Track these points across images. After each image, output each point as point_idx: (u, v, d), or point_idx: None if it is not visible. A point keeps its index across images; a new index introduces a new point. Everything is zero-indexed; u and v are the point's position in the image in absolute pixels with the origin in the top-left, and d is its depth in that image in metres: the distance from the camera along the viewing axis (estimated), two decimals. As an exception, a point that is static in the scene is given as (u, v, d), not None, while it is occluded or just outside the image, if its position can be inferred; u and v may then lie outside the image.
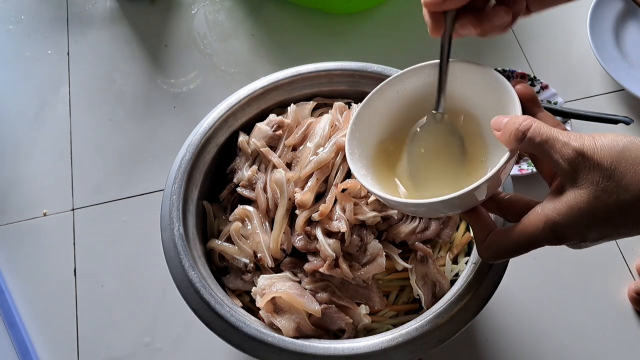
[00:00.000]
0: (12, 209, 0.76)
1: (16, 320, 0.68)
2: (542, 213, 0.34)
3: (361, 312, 0.51)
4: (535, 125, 0.35)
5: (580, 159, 0.32)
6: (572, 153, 0.33)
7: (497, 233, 0.37)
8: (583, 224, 0.33)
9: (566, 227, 0.33)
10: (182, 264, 0.50)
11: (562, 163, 0.33)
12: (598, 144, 0.32)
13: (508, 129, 0.36)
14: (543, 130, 0.35)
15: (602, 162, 0.32)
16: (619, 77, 0.77)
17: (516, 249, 0.36)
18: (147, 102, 0.83)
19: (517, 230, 0.36)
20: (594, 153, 0.32)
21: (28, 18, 0.90)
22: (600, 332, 0.66)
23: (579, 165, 0.33)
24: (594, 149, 0.32)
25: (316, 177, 0.54)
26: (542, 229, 0.34)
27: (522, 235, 0.35)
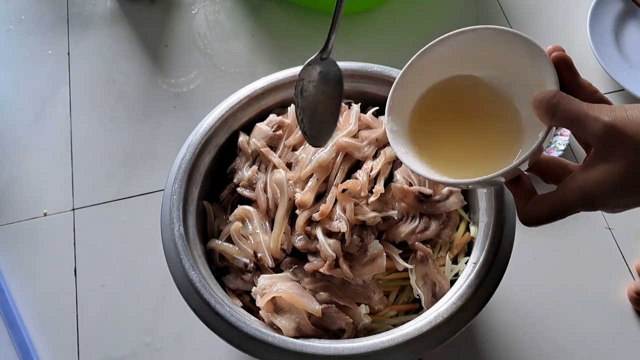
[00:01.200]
0: (12, 209, 0.76)
1: (16, 320, 0.68)
2: (576, 182, 0.35)
3: (361, 312, 0.51)
4: (564, 102, 0.35)
5: (610, 134, 0.33)
6: (602, 128, 0.33)
7: (536, 200, 0.39)
8: (616, 194, 0.34)
9: (600, 196, 0.34)
10: (183, 264, 0.50)
11: (592, 139, 0.34)
12: (631, 117, 0.32)
13: (541, 107, 0.37)
14: (572, 107, 0.35)
15: (634, 136, 0.32)
16: (619, 77, 0.77)
17: (553, 215, 0.37)
18: (147, 102, 0.83)
19: (555, 198, 0.37)
20: (624, 127, 0.32)
21: (28, 18, 0.90)
22: (600, 332, 0.66)
23: (610, 140, 0.33)
24: (625, 123, 0.32)
25: (316, 177, 0.54)
26: (577, 197, 0.35)
27: (559, 202, 0.37)
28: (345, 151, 0.55)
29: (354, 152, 0.55)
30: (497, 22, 0.87)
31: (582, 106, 0.35)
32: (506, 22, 0.87)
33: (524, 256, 0.70)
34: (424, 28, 0.86)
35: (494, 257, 0.49)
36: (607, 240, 0.71)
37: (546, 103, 0.36)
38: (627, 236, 0.71)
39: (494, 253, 0.49)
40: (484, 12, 0.88)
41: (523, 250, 0.68)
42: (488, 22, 0.87)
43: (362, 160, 0.56)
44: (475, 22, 0.86)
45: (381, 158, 0.55)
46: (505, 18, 0.87)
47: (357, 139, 0.57)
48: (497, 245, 0.50)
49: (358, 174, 0.54)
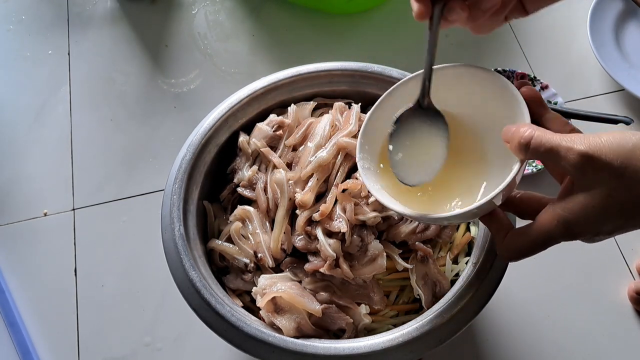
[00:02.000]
0: (13, 209, 0.76)
1: (17, 320, 0.68)
2: (555, 212, 0.35)
3: (361, 312, 0.51)
4: (537, 135, 0.35)
5: (586, 162, 0.33)
6: (577, 157, 0.33)
7: (514, 234, 0.38)
8: (596, 221, 0.33)
9: (579, 224, 0.34)
10: (183, 264, 0.50)
11: (569, 168, 0.34)
12: (605, 143, 0.32)
13: (514, 140, 0.37)
14: (545, 139, 0.35)
15: (611, 162, 0.32)
16: (619, 77, 0.77)
17: (533, 248, 0.37)
18: (147, 102, 0.83)
19: (533, 229, 0.36)
20: (600, 154, 0.32)
21: (29, 18, 0.90)
22: (600, 331, 0.66)
23: (586, 168, 0.33)
24: (601, 150, 0.32)
25: (317, 177, 0.54)
26: (555, 227, 0.35)
27: (538, 234, 0.36)
28: (346, 151, 0.55)
29: (354, 152, 0.55)
30: (497, 22, 0.87)
31: (554, 137, 0.35)
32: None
33: (524, 256, 0.69)
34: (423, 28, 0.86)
35: (494, 257, 0.49)
36: (607, 240, 0.71)
37: (519, 136, 0.36)
38: (627, 236, 0.71)
39: (494, 253, 0.49)
40: (484, 12, 0.88)
41: (523, 250, 0.68)
42: (488, 22, 0.87)
43: (363, 160, 0.56)
44: (475, 22, 0.86)
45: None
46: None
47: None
48: (498, 245, 0.50)
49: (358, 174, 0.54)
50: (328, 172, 0.55)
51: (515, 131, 0.37)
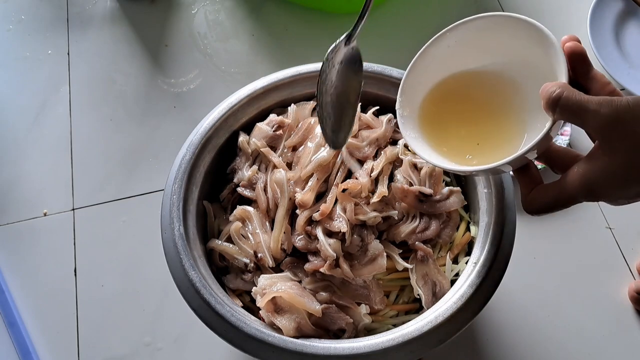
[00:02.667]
0: (13, 209, 0.76)
1: (16, 320, 0.68)
2: (579, 172, 0.35)
3: (361, 312, 0.51)
4: (566, 96, 0.35)
5: (611, 128, 0.33)
6: (603, 122, 0.33)
7: (540, 189, 0.39)
8: (618, 186, 0.34)
9: (601, 187, 0.34)
10: (183, 264, 0.50)
11: (593, 132, 0.34)
12: (632, 109, 0.32)
13: (544, 98, 0.37)
14: (573, 101, 0.35)
15: (635, 130, 0.32)
16: (619, 77, 0.77)
17: (555, 205, 0.37)
18: (147, 102, 0.83)
19: (558, 188, 0.37)
20: (625, 120, 0.32)
21: (28, 18, 0.90)
22: (601, 331, 0.66)
23: (610, 133, 0.33)
24: (626, 116, 0.32)
25: (317, 177, 0.54)
26: (579, 188, 0.35)
27: (561, 192, 0.36)
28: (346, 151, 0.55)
29: (354, 152, 0.56)
30: (497, 22, 0.87)
31: (583, 99, 0.34)
32: (506, 22, 0.87)
33: (524, 256, 0.69)
34: (424, 28, 0.86)
35: (495, 257, 0.49)
36: (607, 240, 0.71)
37: (548, 95, 0.36)
38: (628, 236, 0.71)
39: (495, 253, 0.49)
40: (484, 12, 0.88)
41: (523, 250, 0.68)
42: (488, 22, 0.87)
43: (363, 160, 0.56)
44: (475, 22, 0.86)
45: (382, 158, 0.55)
46: (506, 18, 0.87)
47: (358, 138, 0.57)
48: (498, 245, 0.50)
49: (358, 174, 0.54)
50: (328, 172, 0.54)
51: (546, 89, 0.37)
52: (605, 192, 0.34)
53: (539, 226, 0.72)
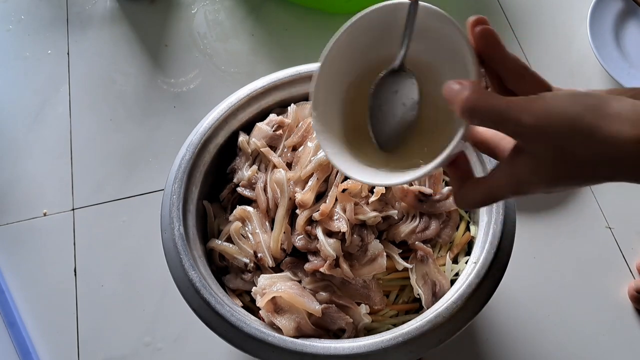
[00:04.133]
0: (12, 209, 0.76)
1: (16, 320, 0.68)
2: (507, 172, 0.35)
3: (361, 312, 0.51)
4: (481, 103, 0.33)
5: (534, 132, 0.32)
6: (525, 128, 0.32)
7: (470, 186, 0.38)
8: (547, 185, 0.34)
9: (531, 188, 0.34)
10: (183, 264, 0.50)
11: (515, 137, 0.33)
12: (553, 110, 0.31)
13: (454, 104, 0.34)
14: (490, 108, 0.33)
15: (558, 130, 0.31)
16: (619, 76, 0.77)
17: (485, 201, 0.37)
18: (147, 101, 0.83)
19: (486, 186, 0.37)
20: (548, 124, 0.31)
21: (28, 18, 0.90)
22: (601, 330, 0.66)
23: (533, 137, 0.32)
24: (549, 118, 0.31)
25: (317, 177, 0.54)
26: (507, 189, 0.35)
27: (490, 192, 0.36)
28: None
29: (354, 151, 0.55)
30: (497, 21, 0.87)
31: (501, 107, 0.33)
32: (506, 21, 0.87)
33: (524, 255, 0.69)
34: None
35: (494, 256, 0.49)
36: (607, 240, 0.71)
37: (461, 102, 0.34)
38: (628, 235, 0.71)
39: (494, 252, 0.49)
40: (484, 12, 0.88)
41: (523, 249, 0.68)
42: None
43: (362, 159, 0.56)
44: (475, 21, 0.86)
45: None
46: (506, 17, 0.87)
47: (357, 138, 0.57)
48: (497, 245, 0.50)
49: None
50: (328, 172, 0.54)
51: (452, 92, 0.34)
52: (533, 191, 0.35)
53: (539, 226, 0.72)
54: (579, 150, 0.31)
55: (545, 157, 0.32)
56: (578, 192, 0.74)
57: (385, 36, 0.41)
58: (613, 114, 0.30)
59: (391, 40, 0.41)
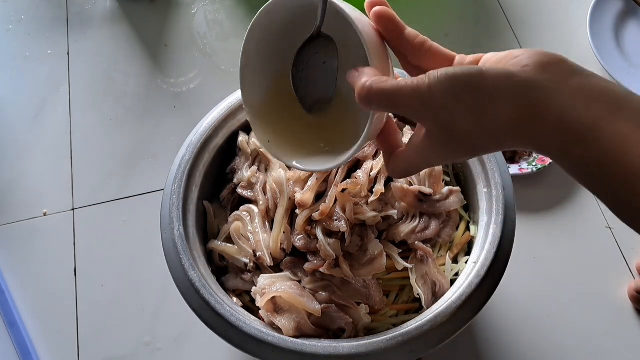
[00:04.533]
0: (12, 209, 0.76)
1: (16, 320, 0.68)
2: (415, 151, 0.37)
3: (361, 312, 0.51)
4: (375, 88, 0.34)
5: (421, 114, 0.33)
6: (414, 111, 0.33)
7: (396, 157, 0.40)
8: (449, 157, 0.36)
9: (436, 160, 0.37)
10: (182, 264, 0.50)
11: (409, 117, 0.35)
12: (434, 88, 0.32)
13: (355, 91, 0.35)
14: (381, 93, 0.34)
15: (438, 109, 0.32)
16: (619, 76, 0.77)
17: (409, 172, 0.39)
18: (147, 101, 0.83)
19: (406, 160, 0.38)
20: (430, 101, 0.32)
21: (28, 18, 0.90)
22: (601, 330, 0.66)
23: (424, 119, 0.34)
24: (432, 96, 0.32)
25: (316, 177, 0.54)
26: (420, 163, 0.38)
27: (410, 164, 0.38)
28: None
29: (354, 151, 0.55)
30: (497, 21, 0.87)
31: (392, 90, 0.33)
32: (506, 21, 0.87)
33: (524, 255, 0.69)
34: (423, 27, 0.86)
35: (494, 256, 0.49)
36: (607, 240, 0.71)
37: (358, 90, 0.35)
38: (628, 235, 0.71)
39: (494, 252, 0.49)
40: (483, 12, 0.88)
41: (523, 249, 0.68)
42: (488, 22, 0.87)
43: (362, 160, 0.56)
44: (475, 21, 0.86)
45: (381, 158, 0.55)
46: (506, 17, 0.87)
47: (357, 138, 0.57)
48: (497, 245, 0.50)
49: (358, 174, 0.54)
50: (328, 172, 0.54)
51: (352, 79, 0.36)
52: (440, 162, 0.37)
53: (539, 226, 0.72)
54: (460, 126, 0.32)
55: (435, 135, 0.34)
56: (578, 192, 0.74)
57: (306, 21, 0.42)
58: (489, 91, 0.31)
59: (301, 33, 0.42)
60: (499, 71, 0.32)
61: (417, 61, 0.38)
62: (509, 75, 0.31)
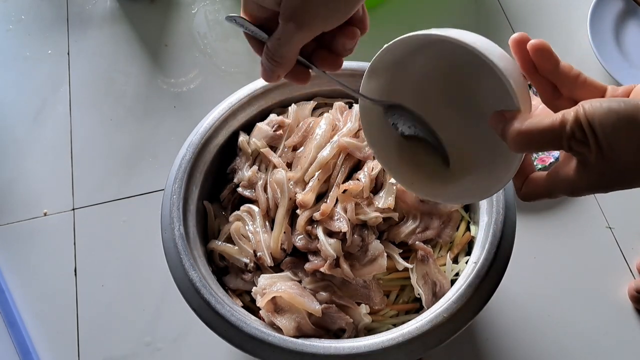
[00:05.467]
0: (13, 208, 0.76)
1: (17, 320, 0.68)
2: (565, 178, 0.36)
3: (361, 312, 0.51)
4: (524, 130, 0.34)
5: (582, 150, 0.33)
6: (575, 144, 0.33)
7: (532, 183, 0.40)
8: (599, 190, 0.35)
9: (585, 192, 0.36)
10: (183, 264, 0.50)
11: (569, 152, 0.34)
12: (595, 126, 0.32)
13: (503, 137, 0.36)
14: (535, 135, 0.34)
15: (600, 144, 0.32)
16: (620, 76, 0.77)
17: (544, 196, 0.39)
18: (147, 101, 0.83)
19: (547, 183, 0.39)
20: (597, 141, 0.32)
21: (28, 18, 0.90)
22: (601, 330, 0.66)
23: (583, 153, 0.33)
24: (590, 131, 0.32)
25: (318, 177, 0.54)
26: (565, 191, 0.37)
27: (549, 188, 0.38)
28: (347, 151, 0.55)
29: (355, 152, 0.55)
30: (497, 21, 0.87)
31: (543, 124, 0.34)
32: (506, 21, 0.87)
33: (524, 255, 0.69)
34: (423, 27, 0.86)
35: (495, 256, 0.49)
36: (607, 240, 0.71)
37: (507, 137, 0.35)
38: (628, 235, 0.71)
39: (495, 252, 0.49)
40: (484, 12, 0.88)
41: (523, 249, 0.68)
42: (488, 22, 0.87)
43: (363, 160, 0.56)
44: (475, 21, 0.86)
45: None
46: (506, 17, 0.87)
47: (358, 138, 0.57)
48: (498, 245, 0.50)
49: (359, 174, 0.54)
50: (329, 172, 0.54)
51: (500, 125, 0.36)
52: (586, 194, 0.36)
53: (539, 226, 0.72)
54: (624, 157, 0.32)
55: (593, 164, 0.33)
56: (578, 192, 0.74)
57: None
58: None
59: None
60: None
61: (568, 92, 0.38)
62: None
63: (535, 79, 0.38)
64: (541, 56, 0.37)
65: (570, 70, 0.37)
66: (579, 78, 0.38)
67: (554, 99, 0.38)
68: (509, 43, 0.38)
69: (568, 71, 0.37)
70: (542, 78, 0.38)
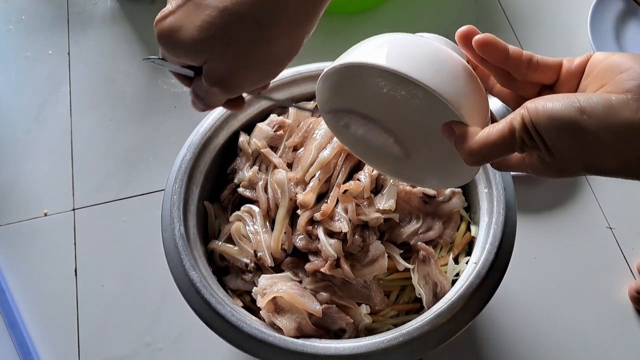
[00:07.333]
0: (13, 209, 0.76)
1: (17, 320, 0.68)
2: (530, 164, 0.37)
3: (362, 312, 0.51)
4: (476, 144, 0.34)
5: (536, 152, 0.34)
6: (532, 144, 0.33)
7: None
8: (556, 177, 0.36)
9: (547, 177, 0.37)
10: (183, 264, 0.50)
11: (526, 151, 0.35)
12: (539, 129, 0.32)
13: (459, 151, 0.36)
14: (491, 147, 0.34)
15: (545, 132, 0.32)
16: (620, 76, 0.77)
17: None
18: (147, 102, 0.83)
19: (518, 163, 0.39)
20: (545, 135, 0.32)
21: (29, 18, 0.90)
22: (601, 331, 0.66)
23: (539, 154, 0.35)
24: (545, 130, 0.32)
25: (318, 178, 0.54)
26: (530, 172, 0.38)
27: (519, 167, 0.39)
28: (347, 151, 0.55)
29: (354, 152, 0.55)
30: (497, 21, 0.87)
31: (494, 143, 0.34)
32: (506, 21, 0.87)
33: (524, 256, 0.69)
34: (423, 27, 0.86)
35: (495, 256, 0.49)
36: (607, 240, 0.71)
37: (462, 152, 0.35)
38: (628, 235, 0.71)
39: (495, 253, 0.49)
40: (484, 12, 0.88)
41: (524, 249, 0.68)
42: (489, 22, 0.87)
43: (363, 160, 0.56)
44: (475, 21, 0.86)
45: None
46: (506, 17, 0.87)
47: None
48: (498, 245, 0.50)
49: (360, 175, 0.54)
50: (330, 173, 0.54)
51: (451, 140, 0.36)
52: (545, 176, 0.37)
53: (539, 226, 0.72)
54: (575, 159, 0.32)
55: (551, 162, 0.34)
56: (578, 192, 0.74)
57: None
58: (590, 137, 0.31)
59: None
60: (599, 110, 0.31)
61: (522, 77, 0.37)
62: (609, 114, 0.30)
63: (488, 69, 0.38)
64: (488, 51, 0.36)
65: (521, 55, 0.37)
66: (531, 62, 0.37)
67: (511, 84, 0.38)
68: (455, 38, 0.37)
69: (519, 57, 0.36)
70: (495, 67, 0.37)
